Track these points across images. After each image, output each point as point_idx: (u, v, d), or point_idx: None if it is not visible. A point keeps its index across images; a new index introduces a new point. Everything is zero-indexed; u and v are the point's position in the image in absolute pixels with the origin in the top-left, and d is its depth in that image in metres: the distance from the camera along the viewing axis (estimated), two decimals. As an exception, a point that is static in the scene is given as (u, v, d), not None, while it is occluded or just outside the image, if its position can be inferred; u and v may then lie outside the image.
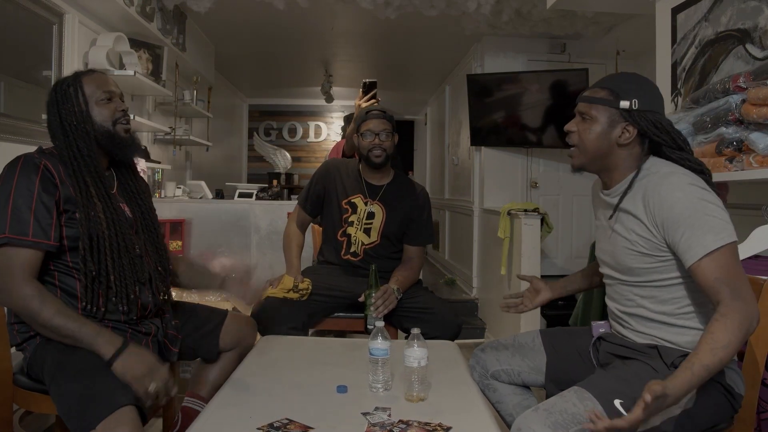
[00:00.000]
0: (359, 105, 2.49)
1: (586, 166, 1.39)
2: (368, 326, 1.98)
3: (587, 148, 1.36)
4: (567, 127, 1.40)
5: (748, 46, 1.95)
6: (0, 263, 1.30)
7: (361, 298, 2.03)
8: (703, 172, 1.29)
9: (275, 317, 1.98)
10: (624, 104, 1.30)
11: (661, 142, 1.31)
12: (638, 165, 1.33)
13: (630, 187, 1.32)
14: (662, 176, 1.26)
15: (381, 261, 2.19)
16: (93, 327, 1.32)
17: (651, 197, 1.25)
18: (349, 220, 2.23)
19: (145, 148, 3.62)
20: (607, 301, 1.46)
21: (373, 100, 2.46)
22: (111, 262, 1.41)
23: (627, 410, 1.15)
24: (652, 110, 1.31)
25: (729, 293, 1.13)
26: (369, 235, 2.22)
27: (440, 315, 2.08)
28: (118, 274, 1.42)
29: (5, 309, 1.46)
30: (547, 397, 1.56)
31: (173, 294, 1.69)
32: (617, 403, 1.16)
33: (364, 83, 2.48)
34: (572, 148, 1.40)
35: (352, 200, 2.24)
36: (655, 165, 1.32)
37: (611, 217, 1.37)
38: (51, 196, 1.35)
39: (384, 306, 1.97)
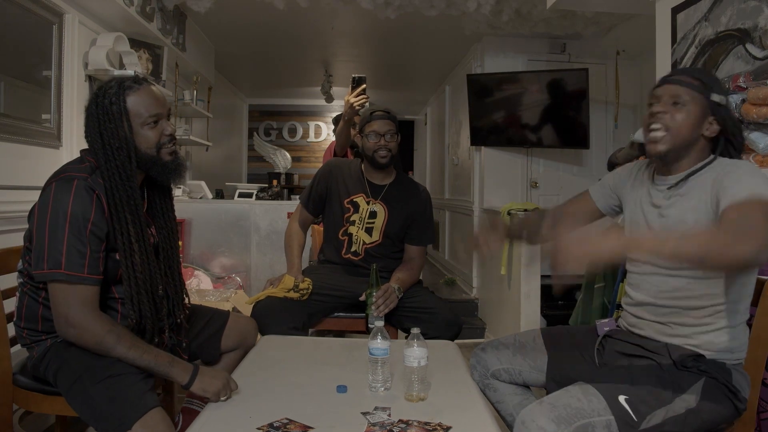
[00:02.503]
0: (348, 100, 2.47)
1: (668, 153, 1.32)
2: (369, 325, 1.98)
3: (678, 133, 1.30)
4: (657, 108, 1.32)
5: (748, 46, 1.95)
6: (63, 300, 1.29)
7: (362, 297, 2.03)
8: None
9: (275, 317, 1.98)
10: (715, 97, 1.29)
11: (734, 143, 1.32)
12: (704, 159, 1.33)
13: (695, 172, 1.30)
14: (734, 164, 1.26)
15: (382, 260, 2.20)
16: (166, 357, 1.35)
17: (720, 179, 1.23)
18: (351, 219, 2.23)
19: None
20: (630, 290, 1.43)
21: (362, 96, 2.44)
22: (149, 307, 1.42)
23: (631, 407, 1.15)
24: (732, 112, 1.32)
25: (732, 229, 1.09)
26: (371, 235, 2.22)
27: (441, 315, 2.08)
28: (151, 317, 1.43)
29: (7, 308, 1.47)
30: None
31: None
32: (622, 399, 1.16)
33: (354, 78, 2.47)
34: (659, 132, 1.32)
35: (354, 199, 2.24)
36: (725, 160, 1.32)
37: (667, 200, 1.34)
38: (103, 230, 1.33)
39: (385, 305, 1.97)
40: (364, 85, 2.44)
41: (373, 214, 2.23)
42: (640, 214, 1.42)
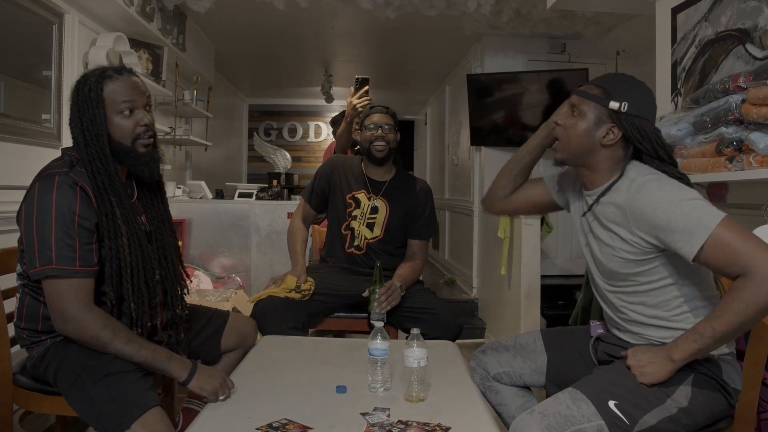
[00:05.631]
0: (351, 102, 2.48)
1: (567, 161, 1.38)
2: (371, 321, 2.01)
3: (571, 144, 1.34)
4: (554, 118, 1.38)
5: (748, 46, 1.95)
6: (58, 295, 1.29)
7: (365, 293, 2.05)
8: (681, 179, 1.26)
9: (276, 316, 1.98)
10: (613, 105, 1.28)
11: (642, 149, 1.29)
12: (620, 168, 1.31)
13: (608, 189, 1.30)
14: (640, 183, 1.25)
15: (384, 257, 2.21)
16: (163, 352, 1.35)
17: (630, 204, 1.24)
18: (353, 214, 2.24)
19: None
20: (601, 303, 1.46)
21: (365, 97, 2.45)
22: (131, 289, 1.39)
23: (622, 411, 1.15)
24: (640, 116, 1.28)
25: (741, 268, 1.09)
26: (372, 230, 2.24)
27: (442, 315, 2.08)
28: (136, 300, 1.40)
29: (6, 308, 1.46)
30: (548, 397, 1.57)
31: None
32: (612, 404, 1.16)
33: (357, 79, 2.47)
34: (556, 141, 1.38)
35: (356, 195, 2.26)
36: (635, 170, 1.29)
37: (584, 215, 1.38)
38: (91, 221, 1.33)
39: (387, 302, 1.99)
40: (366, 87, 2.44)
41: (374, 210, 2.24)
42: (581, 231, 1.44)
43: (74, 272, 1.29)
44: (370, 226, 2.24)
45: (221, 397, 1.31)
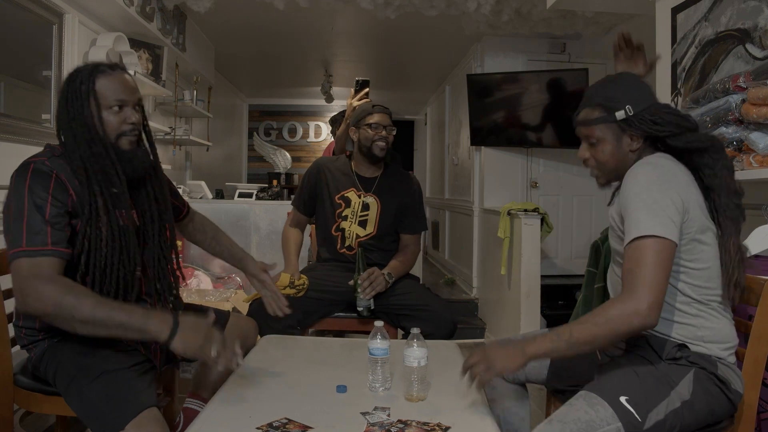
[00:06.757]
0: (351, 104, 2.50)
1: (611, 181, 1.40)
2: (358, 308, 2.04)
3: (607, 168, 1.36)
4: (579, 155, 1.41)
5: (748, 46, 1.95)
6: (23, 274, 1.24)
7: (351, 282, 2.06)
8: (708, 150, 1.28)
9: (270, 315, 1.98)
10: (619, 115, 1.29)
11: (665, 135, 1.30)
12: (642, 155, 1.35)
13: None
14: (629, 175, 1.27)
15: (376, 254, 2.22)
16: (140, 311, 1.25)
17: (621, 193, 1.28)
18: (343, 214, 2.25)
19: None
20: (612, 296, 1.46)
21: (365, 99, 2.47)
22: (101, 280, 1.34)
23: (633, 406, 1.15)
24: (645, 107, 1.29)
25: (626, 287, 1.16)
26: (365, 228, 2.24)
27: (435, 312, 2.07)
28: (108, 292, 1.34)
29: (6, 309, 1.46)
30: (548, 394, 1.57)
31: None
32: (623, 399, 1.16)
33: (357, 81, 2.49)
34: (593, 172, 1.40)
35: (346, 195, 2.27)
36: (645, 158, 1.32)
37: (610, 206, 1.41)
38: (64, 204, 1.30)
39: (371, 287, 2.00)
40: (367, 89, 2.46)
41: (366, 207, 2.25)
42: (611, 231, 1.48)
43: (44, 252, 1.25)
44: (363, 224, 2.24)
45: (213, 354, 1.22)
